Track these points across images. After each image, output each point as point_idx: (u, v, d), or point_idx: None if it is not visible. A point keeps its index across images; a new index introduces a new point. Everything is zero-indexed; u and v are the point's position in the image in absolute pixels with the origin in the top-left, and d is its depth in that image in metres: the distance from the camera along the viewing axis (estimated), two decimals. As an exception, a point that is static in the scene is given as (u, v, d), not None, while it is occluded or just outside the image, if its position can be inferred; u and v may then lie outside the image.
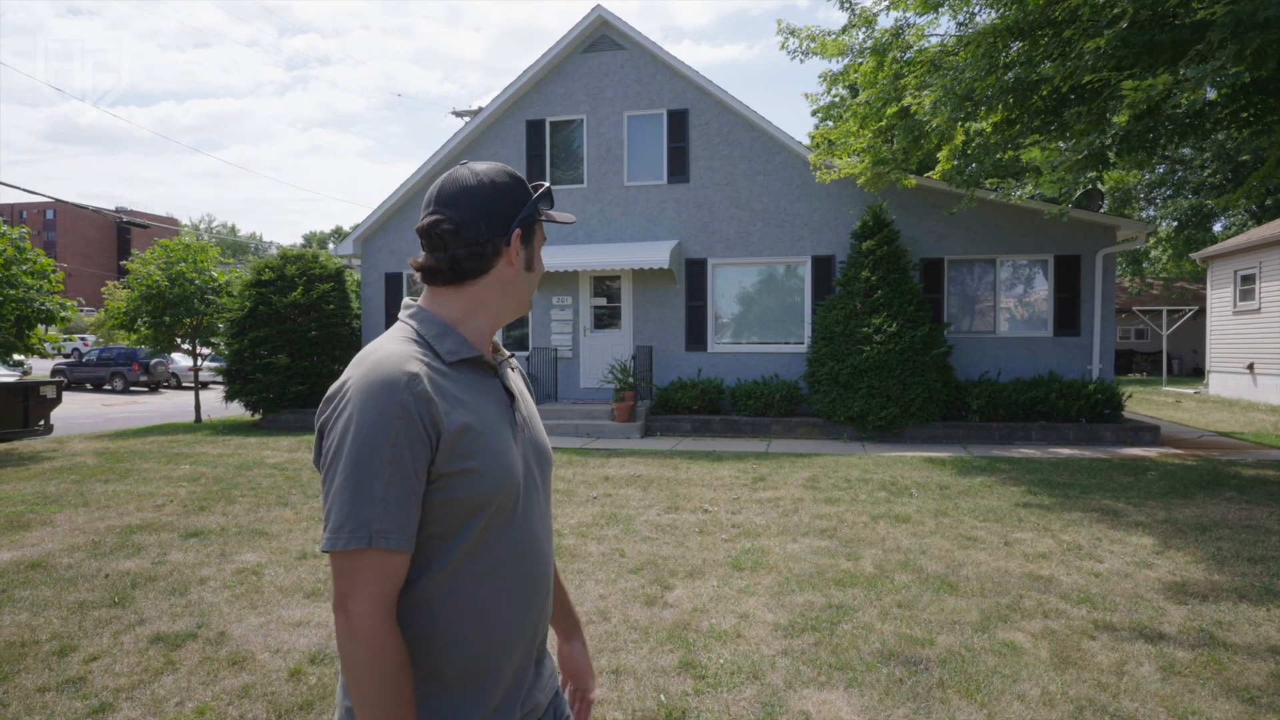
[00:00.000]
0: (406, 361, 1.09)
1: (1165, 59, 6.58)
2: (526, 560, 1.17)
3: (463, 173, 1.20)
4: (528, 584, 1.17)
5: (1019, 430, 10.57)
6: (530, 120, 13.22)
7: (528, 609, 1.18)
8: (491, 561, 1.13)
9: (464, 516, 1.09)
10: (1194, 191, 25.00)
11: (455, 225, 1.17)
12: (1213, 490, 7.10)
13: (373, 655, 1.01)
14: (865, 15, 9.08)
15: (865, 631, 3.84)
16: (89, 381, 24.45)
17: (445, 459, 1.07)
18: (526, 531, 1.18)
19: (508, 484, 1.13)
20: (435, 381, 1.09)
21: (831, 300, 11.31)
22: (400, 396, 1.04)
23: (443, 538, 1.09)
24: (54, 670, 3.47)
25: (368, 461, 1.02)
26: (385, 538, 1.02)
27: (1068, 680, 3.29)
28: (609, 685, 3.30)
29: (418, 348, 1.14)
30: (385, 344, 1.14)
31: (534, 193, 1.23)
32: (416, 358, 1.11)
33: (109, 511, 6.62)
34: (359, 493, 1.02)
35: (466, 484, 1.08)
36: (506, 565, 1.14)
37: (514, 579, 1.15)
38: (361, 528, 1.01)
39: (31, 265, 10.62)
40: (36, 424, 10.89)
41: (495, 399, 1.19)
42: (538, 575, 1.19)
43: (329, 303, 13.40)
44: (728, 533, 5.78)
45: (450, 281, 1.19)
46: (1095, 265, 11.42)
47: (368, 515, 1.02)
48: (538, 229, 1.26)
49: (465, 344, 1.17)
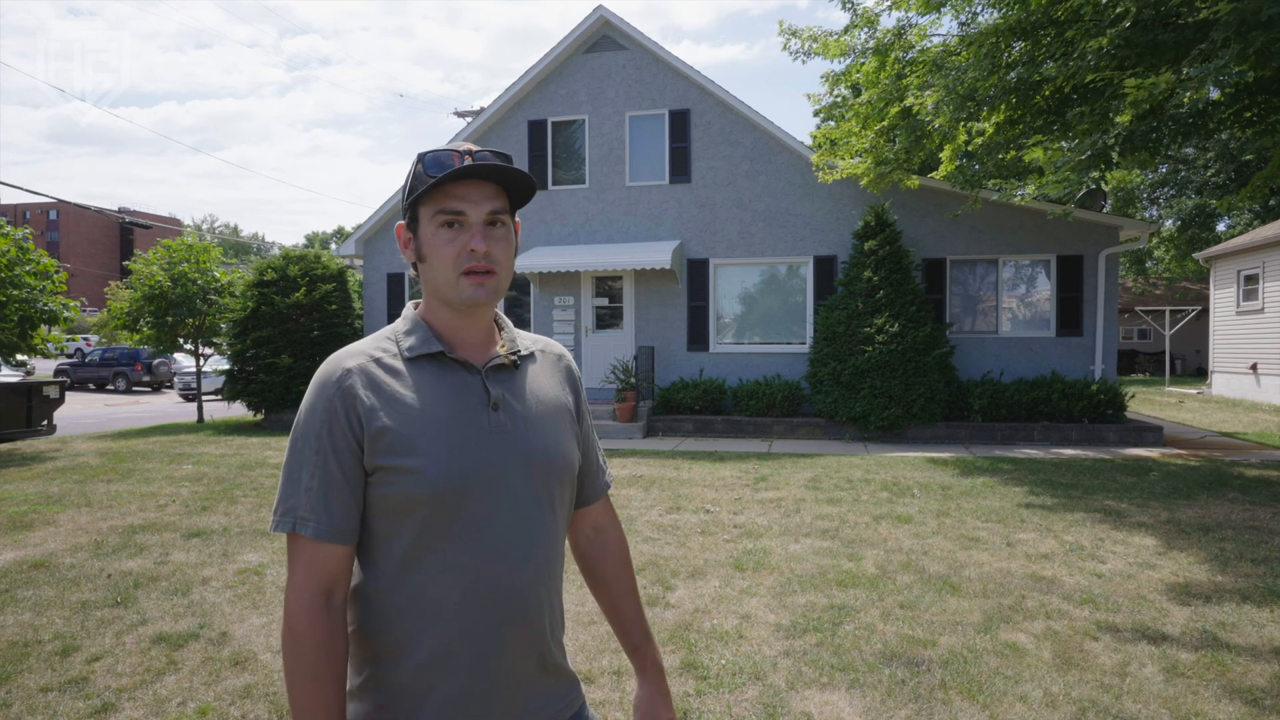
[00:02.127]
0: (350, 358, 1.12)
1: (1168, 58, 6.56)
2: (486, 568, 1.09)
3: None
4: (489, 593, 1.09)
5: (1021, 431, 10.55)
6: (532, 120, 13.22)
7: (487, 619, 1.09)
8: (440, 564, 1.08)
9: (400, 513, 1.08)
10: (1197, 191, 24.96)
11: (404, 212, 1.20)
12: (1216, 491, 7.08)
13: (294, 638, 1.04)
14: (867, 15, 9.07)
15: (867, 632, 3.83)
16: (92, 381, 24.52)
17: (373, 454, 1.08)
18: (489, 538, 1.10)
19: (452, 486, 1.07)
20: (376, 378, 1.11)
21: (834, 300, 11.30)
22: (329, 391, 1.09)
23: (386, 534, 1.10)
24: (56, 670, 3.47)
25: (300, 452, 1.09)
26: (305, 524, 1.06)
27: (1070, 681, 3.28)
28: (611, 686, 3.30)
29: (386, 343, 1.16)
30: (357, 341, 1.18)
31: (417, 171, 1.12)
32: (369, 353, 1.13)
33: (111, 511, 6.63)
34: (289, 480, 1.09)
35: (400, 481, 1.07)
36: (459, 570, 1.08)
37: (469, 585, 1.08)
38: (288, 513, 1.07)
39: (35, 266, 10.64)
40: (39, 424, 10.92)
41: (465, 397, 1.13)
42: (504, 586, 1.10)
43: (331, 303, 13.41)
44: (729, 533, 5.78)
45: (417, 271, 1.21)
46: (1098, 265, 11.40)
47: (294, 502, 1.07)
48: (424, 213, 1.12)
49: (429, 340, 1.15)
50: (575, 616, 4.07)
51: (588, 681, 3.34)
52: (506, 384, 1.18)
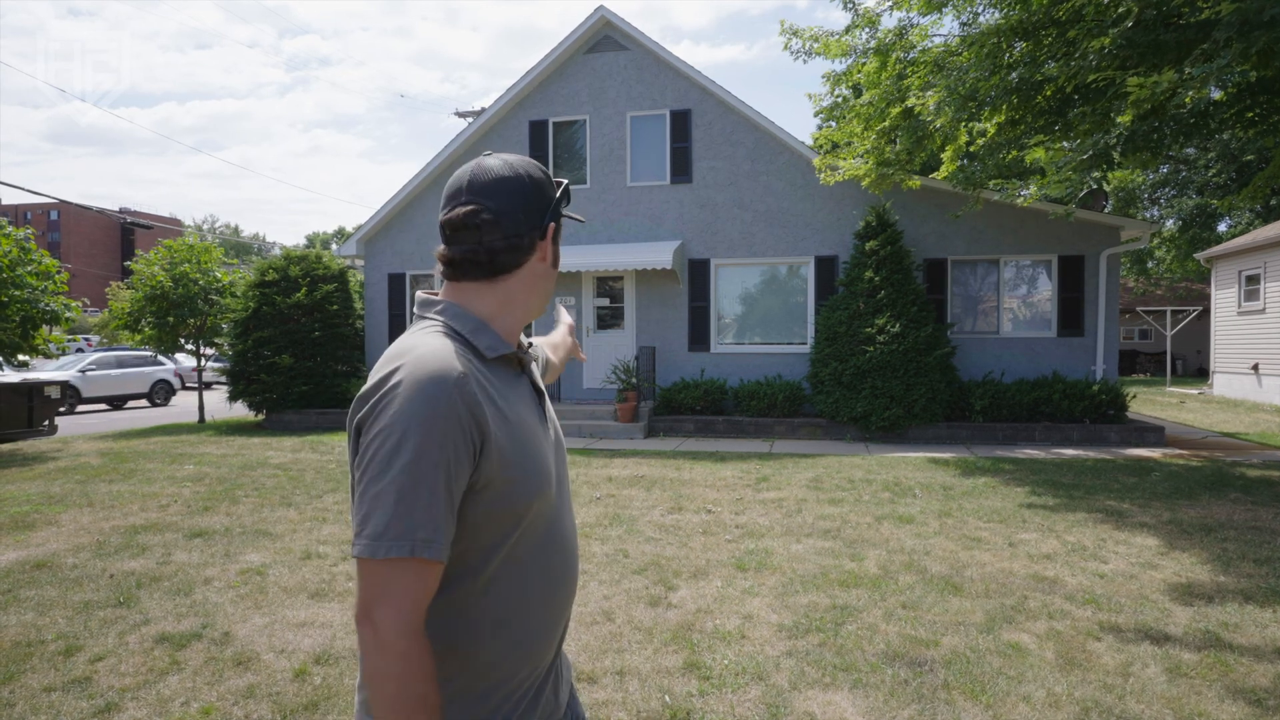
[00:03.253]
0: (455, 359, 1.03)
1: (1170, 58, 6.56)
2: (558, 562, 1.14)
3: (493, 163, 1.14)
4: (560, 587, 1.15)
5: (1022, 431, 10.55)
6: (533, 121, 13.22)
7: (560, 613, 1.16)
8: (526, 568, 1.09)
9: (502, 526, 1.06)
10: (1198, 191, 24.94)
11: (495, 216, 1.11)
12: (1218, 491, 7.08)
13: (403, 668, 0.95)
14: (868, 16, 9.07)
15: (870, 632, 3.83)
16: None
17: (486, 467, 1.02)
18: (559, 533, 1.15)
19: (543, 489, 1.09)
20: (480, 382, 1.05)
21: (835, 301, 11.30)
22: (451, 397, 0.99)
23: (479, 547, 1.05)
24: (59, 670, 3.47)
25: (415, 465, 0.96)
26: (428, 547, 0.96)
27: (1073, 682, 3.28)
28: (614, 686, 3.30)
29: (455, 342, 1.08)
30: (425, 339, 1.06)
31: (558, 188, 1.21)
32: (459, 353, 1.05)
33: (113, 512, 6.63)
34: (403, 498, 0.96)
35: (505, 493, 1.04)
36: (541, 570, 1.11)
37: (548, 584, 1.12)
38: (405, 535, 0.95)
39: (36, 266, 10.64)
40: (41, 424, 10.93)
41: (527, 397, 1.17)
42: (568, 575, 1.17)
43: (333, 303, 13.42)
44: (731, 533, 5.78)
45: (484, 276, 1.13)
46: (1099, 265, 11.40)
47: (412, 523, 0.96)
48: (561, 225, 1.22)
49: (501, 341, 1.13)
50: (578, 616, 4.07)
51: (590, 681, 3.34)
52: (537, 380, 1.25)
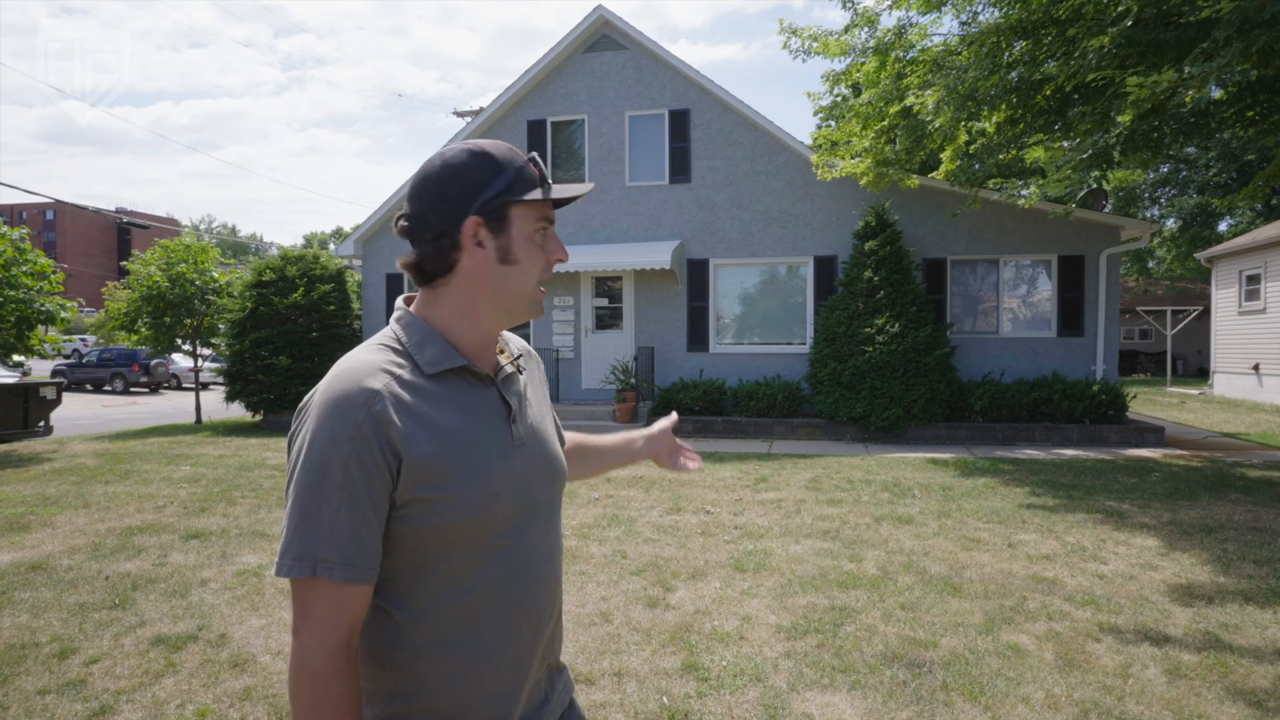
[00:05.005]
0: (370, 376, 0.99)
1: (1170, 57, 6.54)
2: (515, 587, 1.06)
3: (430, 158, 1.07)
4: (516, 613, 1.07)
5: (1022, 431, 10.53)
6: (531, 120, 13.20)
7: (520, 638, 1.08)
8: (471, 592, 1.03)
9: (434, 546, 1.01)
10: (1199, 191, 24.95)
11: (410, 220, 1.06)
12: (1218, 491, 7.06)
13: (314, 689, 0.94)
14: (867, 15, 9.06)
15: (868, 634, 3.81)
16: (89, 382, 24.47)
17: (408, 486, 0.98)
18: (518, 559, 1.06)
19: (487, 511, 1.02)
20: (402, 399, 0.99)
21: (834, 301, 11.28)
22: (356, 417, 0.95)
23: (414, 568, 1.01)
24: (54, 672, 3.45)
25: (317, 486, 0.95)
26: (330, 569, 0.94)
27: (1072, 683, 3.26)
28: (612, 688, 3.28)
29: (395, 356, 1.04)
30: (358, 353, 1.04)
31: (509, 170, 1.05)
32: (385, 370, 1.01)
33: (109, 513, 6.61)
34: (305, 519, 0.95)
35: (435, 512, 0.99)
36: (491, 595, 1.04)
37: (501, 610, 1.05)
38: (305, 556, 0.94)
39: (32, 266, 10.60)
40: (36, 425, 10.89)
41: (487, 413, 1.07)
42: (531, 602, 1.09)
43: (330, 304, 13.39)
44: (730, 534, 5.76)
45: (424, 282, 1.08)
46: (1099, 265, 11.38)
47: (313, 544, 0.94)
48: (520, 214, 1.06)
49: (450, 353, 1.05)
50: (576, 617, 4.06)
51: (588, 683, 3.32)
52: (515, 393, 1.14)
